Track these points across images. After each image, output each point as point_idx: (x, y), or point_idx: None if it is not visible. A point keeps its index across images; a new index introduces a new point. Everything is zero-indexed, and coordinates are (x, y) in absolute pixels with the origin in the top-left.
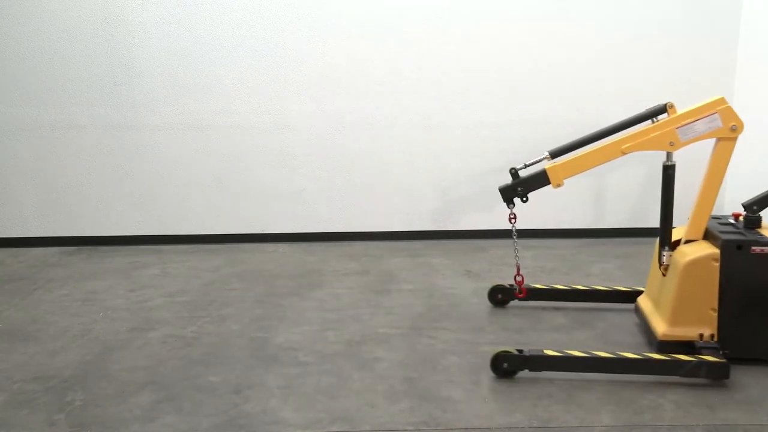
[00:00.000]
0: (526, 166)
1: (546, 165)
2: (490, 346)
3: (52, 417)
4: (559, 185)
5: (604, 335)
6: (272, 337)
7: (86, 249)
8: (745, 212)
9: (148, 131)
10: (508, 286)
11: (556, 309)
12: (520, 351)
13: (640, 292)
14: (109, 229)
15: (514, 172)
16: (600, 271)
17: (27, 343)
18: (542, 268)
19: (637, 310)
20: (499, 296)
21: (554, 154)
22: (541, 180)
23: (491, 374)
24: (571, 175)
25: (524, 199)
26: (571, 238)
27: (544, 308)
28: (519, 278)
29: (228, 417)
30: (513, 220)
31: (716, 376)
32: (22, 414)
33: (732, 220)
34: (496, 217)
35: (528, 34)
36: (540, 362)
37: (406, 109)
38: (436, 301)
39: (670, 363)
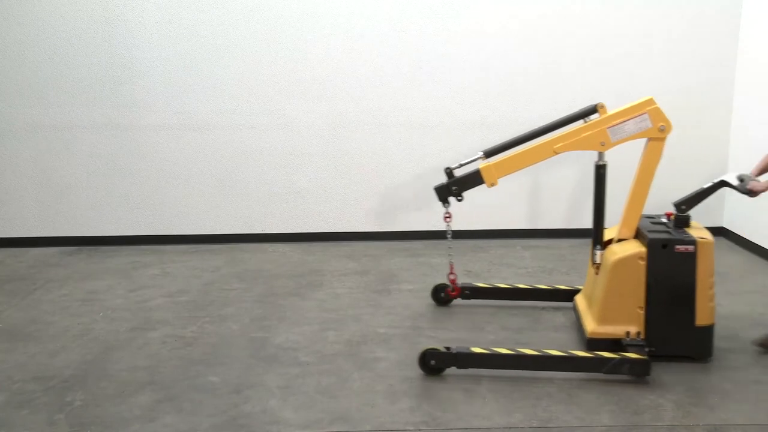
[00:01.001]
0: (460, 165)
1: (480, 164)
2: (490, 346)
3: (52, 417)
4: (493, 184)
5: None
6: (272, 337)
7: (86, 249)
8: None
9: (149, 131)
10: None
11: (556, 309)
12: (448, 348)
13: (579, 291)
14: (109, 229)
15: (449, 172)
16: None
17: (27, 343)
18: (542, 268)
19: (575, 308)
20: (442, 295)
21: (488, 154)
22: (475, 179)
23: (491, 374)
24: (505, 175)
25: (459, 198)
26: (571, 238)
27: (543, 308)
28: (452, 276)
29: (228, 417)
30: (448, 220)
31: (638, 373)
32: (22, 414)
33: (664, 219)
34: (496, 217)
35: (543, 30)
36: (467, 359)
37: (407, 108)
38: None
39: (594, 360)
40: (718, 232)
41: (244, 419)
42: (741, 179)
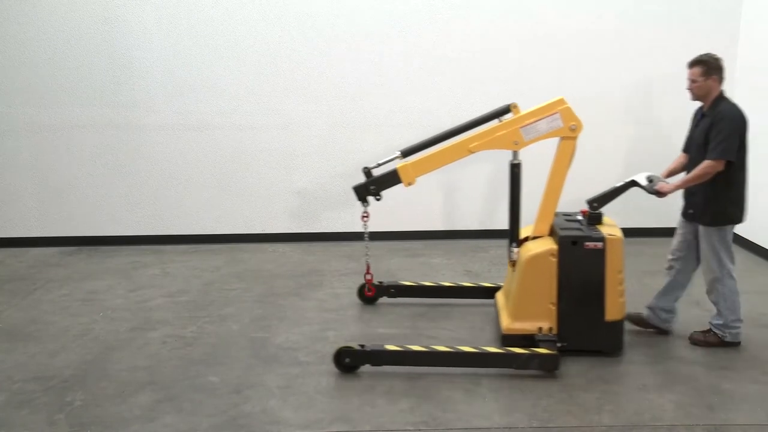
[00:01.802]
0: (378, 165)
1: (397, 164)
2: (489, 346)
3: (52, 417)
4: (410, 183)
5: None
6: (272, 337)
7: (86, 249)
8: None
9: (149, 131)
10: (377, 284)
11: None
12: (362, 346)
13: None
14: (109, 229)
15: (367, 171)
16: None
17: (27, 343)
18: None
19: (495, 305)
20: (368, 293)
21: (405, 153)
22: (392, 179)
23: (492, 374)
24: (422, 174)
25: (378, 197)
26: None
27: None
28: (369, 276)
29: (228, 417)
30: (365, 219)
31: (547, 368)
32: (22, 414)
33: (579, 217)
34: (497, 217)
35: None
36: (381, 357)
37: (407, 109)
38: (436, 301)
39: (505, 356)
40: None
41: (244, 419)
42: (650, 180)
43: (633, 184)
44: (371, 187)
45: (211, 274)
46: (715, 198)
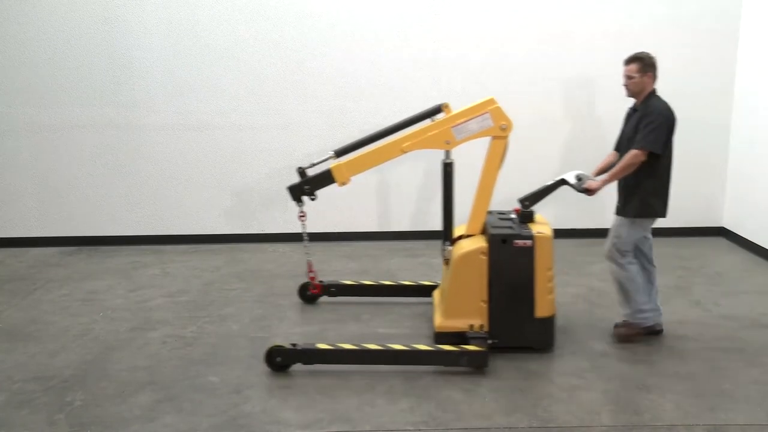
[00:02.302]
0: (312, 165)
1: (331, 164)
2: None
3: (52, 417)
4: (344, 183)
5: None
6: (272, 337)
7: (86, 249)
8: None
9: (149, 131)
10: (317, 283)
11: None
12: (294, 345)
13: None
14: (109, 229)
15: (301, 171)
16: (600, 270)
17: (27, 343)
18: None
19: (433, 303)
20: (309, 292)
21: (339, 153)
22: (326, 179)
23: (492, 373)
24: (356, 173)
25: (312, 197)
26: (574, 238)
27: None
28: (311, 275)
29: (228, 417)
30: (302, 218)
31: (477, 365)
32: (22, 414)
33: (513, 215)
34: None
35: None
36: (312, 355)
37: (406, 109)
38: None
39: (435, 353)
40: (718, 232)
41: (244, 419)
42: (579, 178)
43: (563, 182)
44: (306, 187)
45: (211, 274)
46: (639, 190)
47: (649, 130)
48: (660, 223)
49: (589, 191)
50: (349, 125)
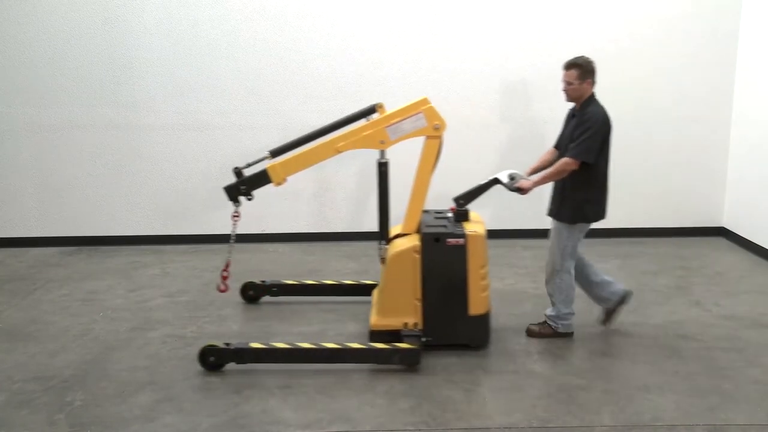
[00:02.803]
0: (248, 165)
1: (267, 164)
2: (491, 346)
3: (52, 417)
4: (280, 183)
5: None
6: (272, 337)
7: (86, 249)
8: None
9: (149, 131)
10: (259, 283)
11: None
12: (228, 344)
13: None
14: (109, 229)
15: (237, 171)
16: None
17: (27, 343)
18: (542, 268)
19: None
20: (251, 293)
21: (275, 153)
22: (262, 179)
23: (492, 373)
24: (292, 173)
25: (249, 197)
26: None
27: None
28: (225, 274)
29: (228, 417)
30: (235, 218)
31: (409, 363)
32: (22, 414)
33: (450, 214)
34: (497, 217)
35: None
36: (246, 355)
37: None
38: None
39: (367, 351)
40: (718, 232)
41: (244, 419)
42: (512, 177)
43: (496, 181)
44: (242, 187)
45: (211, 274)
46: (573, 196)
47: (583, 139)
48: (660, 223)
49: (521, 190)
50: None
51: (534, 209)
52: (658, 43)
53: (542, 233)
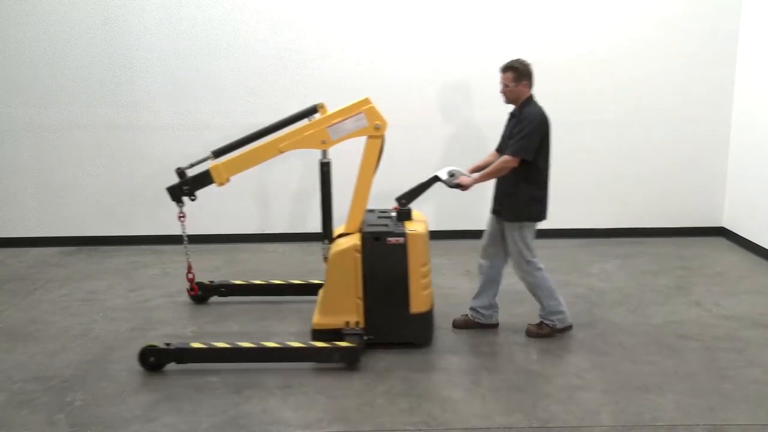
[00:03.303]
0: (191, 165)
1: (209, 164)
2: (490, 346)
3: (52, 417)
4: (222, 184)
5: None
6: (272, 337)
7: (86, 249)
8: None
9: (149, 131)
10: (207, 283)
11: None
12: (168, 344)
13: None
14: (109, 229)
15: (180, 172)
16: (600, 271)
17: (27, 343)
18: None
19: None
20: (199, 293)
21: (217, 154)
22: (205, 179)
23: (492, 373)
24: (235, 174)
25: (192, 197)
26: (573, 238)
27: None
28: (190, 276)
29: (228, 417)
30: (182, 219)
31: (348, 361)
32: (22, 414)
33: (393, 214)
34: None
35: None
36: (186, 355)
37: (405, 109)
38: (436, 301)
39: (306, 350)
40: (718, 232)
41: (244, 419)
42: (451, 174)
43: (436, 179)
44: (185, 187)
45: (211, 274)
46: (517, 195)
47: (521, 137)
48: (660, 223)
49: (461, 187)
50: None
51: None
52: (658, 43)
53: (542, 233)
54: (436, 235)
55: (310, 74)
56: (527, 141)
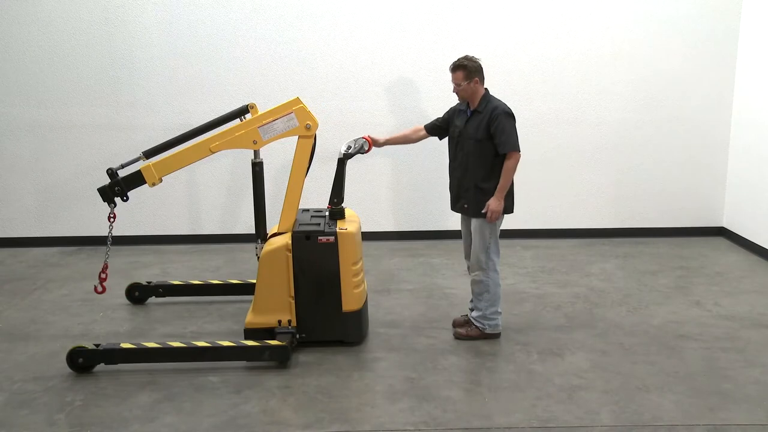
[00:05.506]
0: (122, 166)
1: (141, 165)
2: (491, 346)
3: (52, 417)
4: (154, 184)
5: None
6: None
7: (86, 249)
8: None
9: (148, 131)
10: (145, 284)
11: (556, 307)
12: (97, 345)
13: None
14: None
15: (111, 172)
16: (600, 271)
17: (27, 343)
18: (542, 268)
19: None
20: (136, 293)
21: (148, 154)
22: (137, 180)
23: (492, 373)
24: (166, 174)
25: (124, 198)
26: (571, 238)
27: (543, 306)
28: (103, 276)
29: (228, 417)
30: (112, 220)
31: (278, 359)
32: (22, 414)
33: (327, 213)
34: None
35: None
36: (115, 355)
37: (404, 109)
38: (436, 301)
39: (236, 349)
40: (718, 232)
41: (244, 419)
42: (349, 146)
43: (341, 161)
44: (116, 188)
45: (211, 274)
46: (489, 190)
47: (507, 132)
48: (660, 223)
49: (365, 150)
50: (350, 125)
51: (534, 210)
52: (658, 43)
53: (542, 233)
54: (436, 235)
55: (311, 74)
56: (514, 133)
